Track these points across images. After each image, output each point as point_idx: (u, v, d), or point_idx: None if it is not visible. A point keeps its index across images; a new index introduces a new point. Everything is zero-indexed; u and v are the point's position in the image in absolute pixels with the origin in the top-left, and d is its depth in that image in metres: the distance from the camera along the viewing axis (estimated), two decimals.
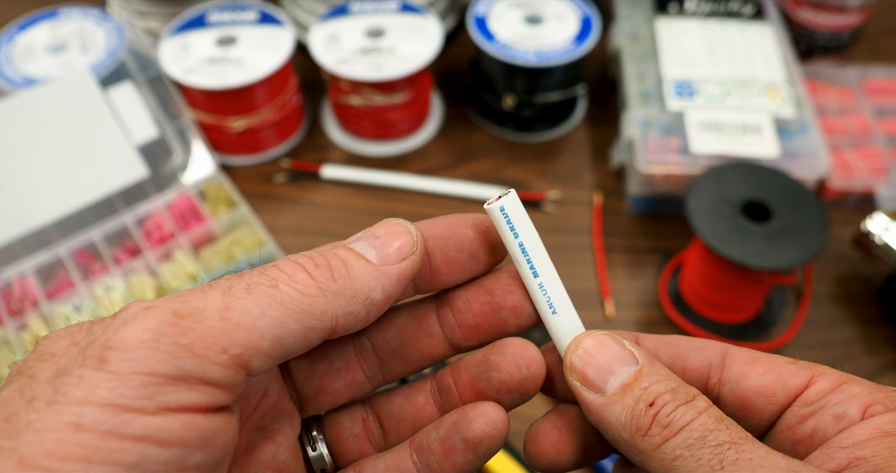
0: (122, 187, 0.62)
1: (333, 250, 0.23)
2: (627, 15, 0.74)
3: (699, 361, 0.25)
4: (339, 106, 0.71)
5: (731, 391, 0.25)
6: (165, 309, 0.18)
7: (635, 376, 0.23)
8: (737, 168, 0.56)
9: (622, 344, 0.24)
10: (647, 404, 0.22)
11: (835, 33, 0.75)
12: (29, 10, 0.72)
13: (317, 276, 0.21)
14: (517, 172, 0.70)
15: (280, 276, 0.21)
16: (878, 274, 0.61)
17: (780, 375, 0.24)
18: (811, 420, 0.23)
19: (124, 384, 0.17)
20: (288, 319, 0.20)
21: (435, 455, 0.24)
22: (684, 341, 0.26)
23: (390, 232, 0.23)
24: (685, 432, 0.21)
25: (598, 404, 0.23)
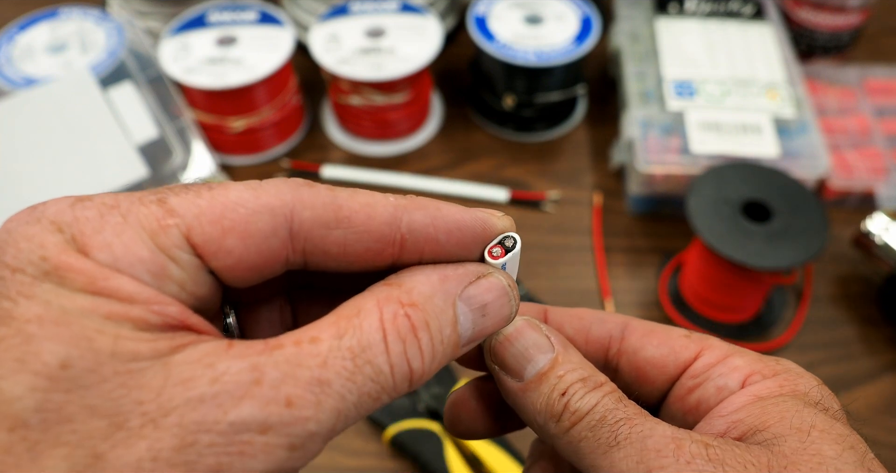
0: (122, 187, 0.62)
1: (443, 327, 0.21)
2: (627, 15, 0.74)
3: (600, 332, 0.27)
4: (339, 106, 0.71)
5: (628, 362, 0.26)
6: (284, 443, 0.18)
7: (551, 364, 0.24)
8: (737, 168, 0.56)
9: (540, 331, 0.24)
10: (560, 393, 0.23)
11: (835, 33, 0.75)
12: (29, 10, 0.72)
13: (414, 385, 0.20)
14: (517, 172, 0.70)
15: (388, 386, 0.19)
16: (878, 274, 0.61)
17: (673, 348, 0.25)
18: (697, 392, 0.25)
19: None
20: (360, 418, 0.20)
21: None
22: (588, 313, 0.27)
23: (498, 315, 0.22)
24: (590, 415, 0.22)
25: (516, 389, 0.24)
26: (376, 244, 0.21)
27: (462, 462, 0.50)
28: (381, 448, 0.53)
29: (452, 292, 0.21)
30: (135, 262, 0.18)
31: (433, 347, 0.20)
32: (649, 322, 0.27)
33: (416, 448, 0.50)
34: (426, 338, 0.20)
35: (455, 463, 0.50)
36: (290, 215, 0.20)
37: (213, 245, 0.19)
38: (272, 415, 0.17)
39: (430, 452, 0.50)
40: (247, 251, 0.20)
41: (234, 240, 0.19)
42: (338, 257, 0.21)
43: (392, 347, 0.19)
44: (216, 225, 0.19)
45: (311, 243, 0.20)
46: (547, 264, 0.63)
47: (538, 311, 0.27)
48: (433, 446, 0.50)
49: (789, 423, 0.22)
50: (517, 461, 0.50)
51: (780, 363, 0.25)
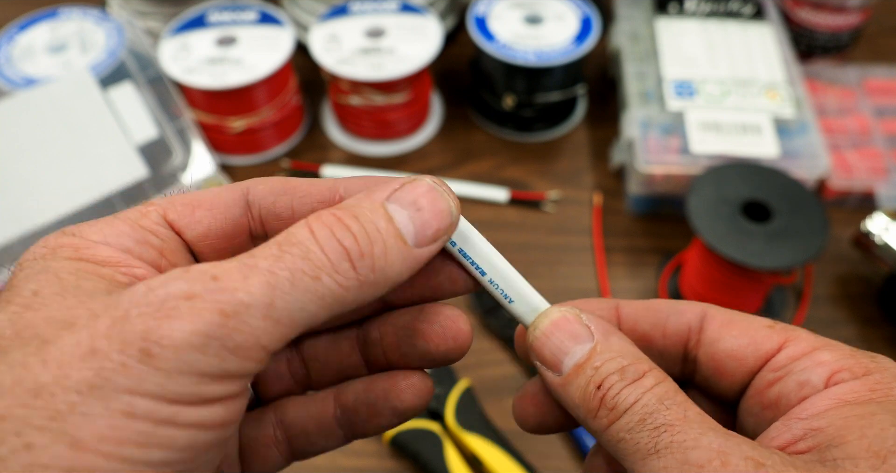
0: (122, 187, 0.62)
1: (376, 222, 0.21)
2: (627, 15, 0.74)
3: (678, 324, 0.25)
4: (339, 106, 0.71)
5: (706, 354, 0.24)
6: (210, 305, 0.18)
7: (588, 355, 0.23)
8: (737, 168, 0.56)
9: (579, 320, 0.24)
10: (595, 386, 0.22)
11: (835, 33, 0.75)
12: (29, 10, 0.72)
13: (360, 269, 0.20)
14: (517, 172, 0.70)
15: (324, 265, 0.20)
16: (878, 274, 0.61)
17: (754, 338, 0.24)
18: (777, 386, 0.23)
19: (172, 382, 0.17)
20: (322, 311, 0.20)
21: (360, 415, 0.25)
22: (665, 305, 0.26)
23: (433, 205, 0.22)
24: (627, 415, 0.21)
25: (556, 383, 0.23)
26: (319, 205, 0.24)
27: (462, 462, 0.50)
28: (381, 448, 0.53)
29: (379, 197, 0.22)
30: (120, 234, 0.22)
31: (367, 233, 0.21)
32: (730, 311, 0.25)
33: (416, 448, 0.50)
34: (356, 225, 0.21)
35: (455, 463, 0.50)
36: (246, 190, 0.24)
37: (186, 218, 0.23)
38: (197, 286, 0.18)
39: (430, 452, 0.50)
40: (214, 220, 0.23)
41: (202, 212, 0.23)
42: (287, 220, 0.24)
43: (318, 232, 0.20)
44: (187, 204, 0.23)
45: (265, 209, 0.24)
46: (547, 264, 0.63)
47: (609, 306, 0.26)
48: (433, 446, 0.50)
49: (868, 443, 0.19)
50: (517, 461, 0.50)
51: (876, 360, 0.22)
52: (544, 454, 0.53)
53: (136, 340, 0.17)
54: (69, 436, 0.16)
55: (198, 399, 0.18)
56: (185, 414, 0.18)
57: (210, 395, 0.18)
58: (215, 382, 0.18)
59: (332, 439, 0.26)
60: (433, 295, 0.26)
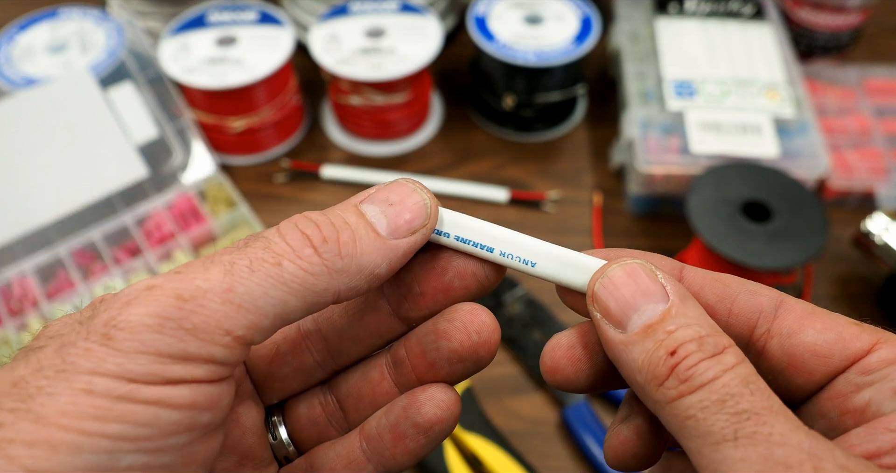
0: (122, 187, 0.62)
1: (345, 216, 0.22)
2: (627, 15, 0.74)
3: (749, 305, 0.22)
4: (339, 106, 0.71)
5: (780, 345, 0.22)
6: (168, 291, 0.19)
7: (661, 316, 0.20)
8: (737, 168, 0.56)
9: (655, 277, 0.21)
10: (668, 351, 0.20)
11: (835, 33, 0.75)
12: (29, 10, 0.72)
13: (324, 253, 0.21)
14: (517, 172, 0.70)
15: (285, 251, 0.20)
16: (878, 274, 0.61)
17: (841, 335, 0.21)
18: (867, 391, 0.20)
19: (131, 361, 0.18)
20: (290, 298, 0.20)
21: (385, 442, 0.24)
22: (736, 281, 0.23)
23: (405, 200, 0.22)
24: (703, 391, 0.19)
25: (617, 341, 0.21)
26: None
27: (462, 462, 0.50)
28: None
29: (352, 201, 0.23)
30: None
31: (333, 223, 0.21)
32: (809, 303, 0.22)
33: None
34: (321, 217, 0.21)
35: (455, 463, 0.50)
36: None
37: None
38: (159, 279, 0.19)
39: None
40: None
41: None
42: None
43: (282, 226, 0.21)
44: None
45: None
46: None
47: (673, 267, 0.24)
48: None
49: None
50: (517, 461, 0.50)
51: None
52: (544, 454, 0.53)
53: (100, 327, 0.18)
54: (34, 413, 0.17)
55: (159, 379, 0.18)
56: (145, 392, 0.18)
57: (172, 375, 0.18)
58: (176, 362, 0.18)
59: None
60: (447, 299, 0.24)
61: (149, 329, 0.18)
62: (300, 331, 0.26)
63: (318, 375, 0.26)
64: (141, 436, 0.18)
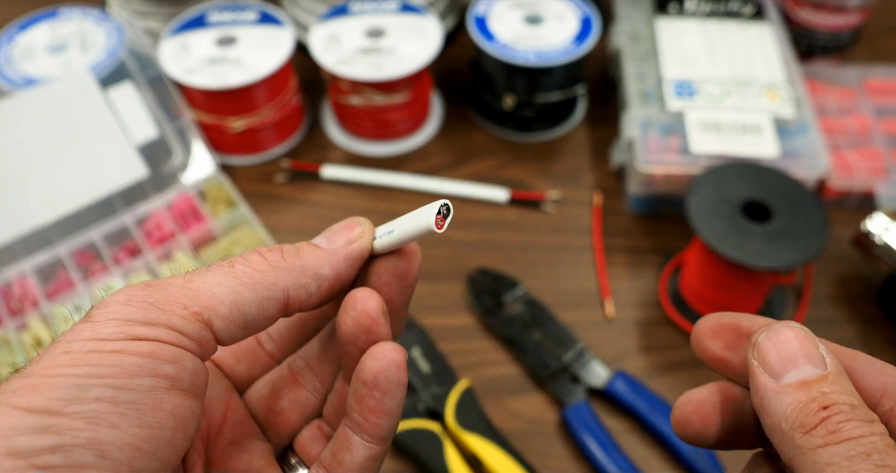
0: (122, 187, 0.62)
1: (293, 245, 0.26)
2: (627, 15, 0.74)
3: (874, 382, 0.23)
4: (339, 106, 0.71)
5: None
6: (137, 283, 0.23)
7: (818, 378, 0.21)
8: (737, 168, 0.56)
9: (817, 347, 0.22)
10: (820, 406, 0.21)
11: (835, 33, 0.75)
12: (29, 10, 0.72)
13: (268, 256, 0.25)
14: (517, 172, 0.70)
15: (237, 259, 0.25)
16: (878, 274, 0.61)
17: None
18: None
19: (102, 326, 0.22)
20: (242, 289, 0.24)
21: (355, 411, 0.25)
22: (863, 357, 0.24)
23: (342, 225, 0.27)
24: (851, 443, 0.20)
25: (769, 388, 0.22)
26: None
27: (462, 462, 0.50)
28: None
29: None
30: None
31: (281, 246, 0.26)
32: None
33: (416, 448, 0.50)
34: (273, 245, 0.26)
35: (455, 463, 0.50)
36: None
37: None
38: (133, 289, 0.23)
39: (429, 452, 0.50)
40: None
41: None
42: None
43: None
44: None
45: None
46: (547, 264, 0.63)
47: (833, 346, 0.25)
48: (433, 446, 0.50)
49: None
50: (517, 461, 0.50)
51: None
52: (544, 454, 0.53)
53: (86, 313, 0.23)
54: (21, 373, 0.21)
55: (124, 335, 0.21)
56: (111, 345, 0.21)
57: (135, 333, 0.21)
58: (140, 325, 0.22)
59: None
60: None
61: (118, 304, 0.22)
62: (291, 369, 0.29)
63: (312, 403, 0.29)
64: (107, 374, 0.21)
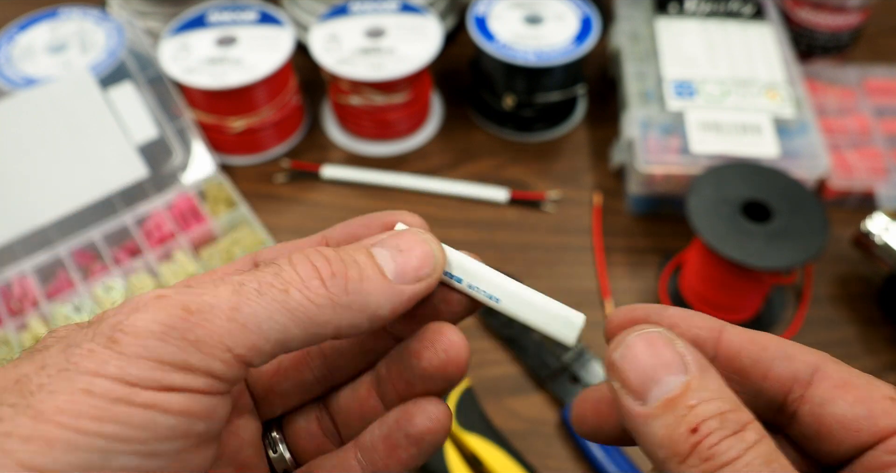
0: (122, 187, 0.62)
1: (354, 255, 0.22)
2: (627, 15, 0.74)
3: (784, 370, 0.22)
4: (339, 106, 0.71)
5: (812, 413, 0.22)
6: (176, 302, 0.19)
7: (682, 390, 0.20)
8: (737, 168, 0.56)
9: (673, 347, 0.21)
10: (689, 428, 0.19)
11: (835, 33, 0.75)
12: (29, 10, 0.72)
13: (330, 286, 0.21)
14: (517, 172, 0.70)
15: (293, 280, 0.21)
16: (878, 274, 0.61)
17: (872, 410, 0.21)
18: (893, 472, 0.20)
19: (132, 365, 0.18)
20: (292, 325, 0.20)
21: (379, 452, 0.24)
22: (774, 344, 0.23)
23: (414, 248, 0.23)
24: (727, 470, 0.19)
25: (637, 413, 0.21)
26: None
27: (462, 462, 0.50)
28: None
29: (366, 243, 0.23)
30: None
31: (342, 260, 0.22)
32: (847, 369, 0.23)
33: None
34: (332, 253, 0.22)
35: (455, 463, 0.50)
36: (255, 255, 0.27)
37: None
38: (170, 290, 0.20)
39: None
40: None
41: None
42: None
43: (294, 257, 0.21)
44: None
45: None
46: (547, 264, 0.63)
47: (713, 325, 0.23)
48: None
49: None
50: (517, 461, 0.50)
51: None
52: (544, 454, 0.53)
53: (106, 330, 0.19)
54: (33, 409, 0.18)
55: (157, 385, 0.19)
56: (143, 396, 0.18)
57: (170, 383, 0.19)
58: (176, 371, 0.19)
59: None
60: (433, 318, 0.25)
61: (153, 336, 0.19)
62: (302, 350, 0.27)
63: (315, 391, 0.27)
64: (135, 438, 0.18)
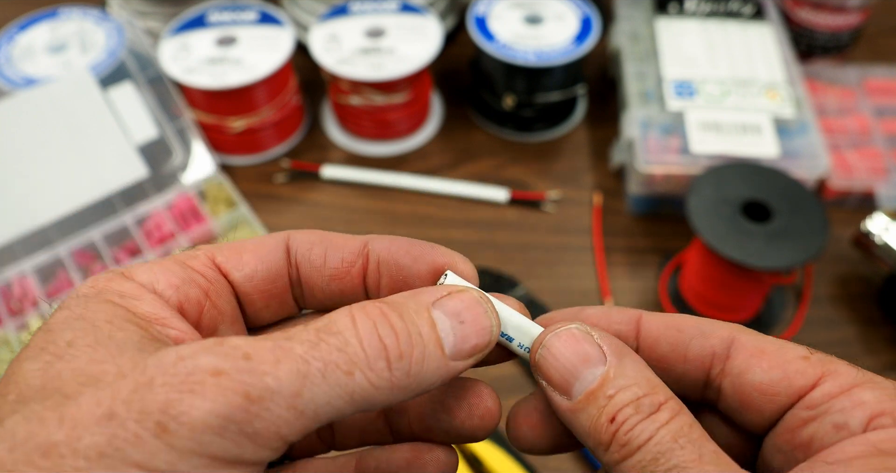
0: (122, 187, 0.62)
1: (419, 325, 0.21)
2: (627, 15, 0.74)
3: (701, 349, 0.23)
4: (339, 106, 0.71)
5: (732, 385, 0.23)
6: (236, 387, 0.18)
7: (601, 381, 0.21)
8: (737, 168, 0.56)
9: (591, 339, 0.22)
10: (608, 419, 0.21)
11: (835, 33, 0.75)
12: (29, 10, 0.72)
13: (395, 370, 0.20)
14: (517, 173, 0.70)
15: (359, 359, 0.19)
16: (878, 274, 0.61)
17: (786, 372, 0.22)
18: (811, 426, 0.21)
19: (183, 462, 0.17)
20: (348, 409, 0.19)
21: None
22: (690, 324, 0.24)
23: (475, 322, 0.22)
24: (641, 452, 0.20)
25: (564, 409, 0.22)
26: (349, 256, 0.25)
27: (462, 461, 0.50)
28: None
29: (426, 300, 0.22)
30: (168, 271, 0.23)
31: (410, 337, 0.20)
32: (761, 338, 0.23)
33: None
34: (399, 323, 0.20)
35: None
36: (287, 236, 0.25)
37: (232, 261, 0.25)
38: (227, 362, 0.18)
39: None
40: (259, 263, 0.25)
41: (248, 255, 0.25)
42: (319, 268, 0.25)
43: (360, 323, 0.20)
44: (234, 249, 0.25)
45: (302, 255, 0.25)
46: (547, 264, 0.63)
47: (630, 318, 0.24)
48: None
49: None
50: (517, 461, 0.50)
51: None
52: None
53: (155, 411, 0.17)
54: None
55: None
56: None
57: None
58: (227, 466, 0.18)
59: None
60: None
61: (210, 431, 0.17)
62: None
63: None
64: None
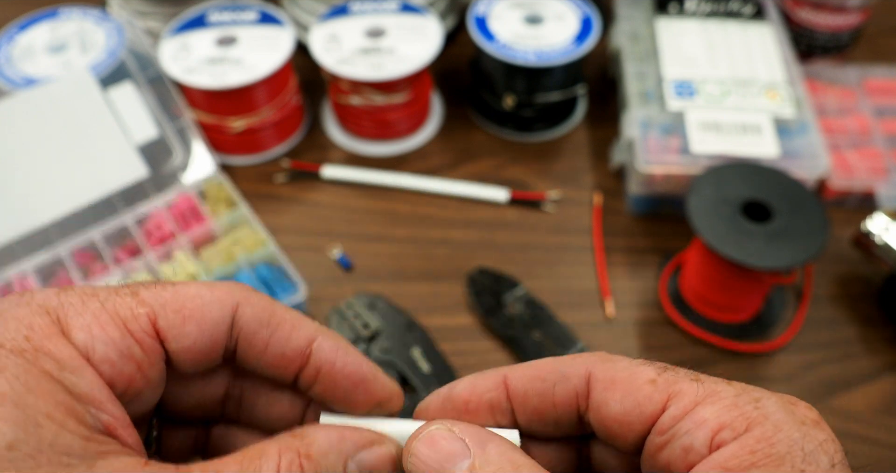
0: (122, 187, 0.62)
1: (336, 465, 0.23)
2: (627, 15, 0.74)
3: (565, 392, 0.24)
4: (339, 106, 0.71)
5: (596, 419, 0.24)
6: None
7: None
8: (737, 168, 0.56)
9: (452, 436, 0.23)
10: None
11: (835, 33, 0.75)
12: (29, 10, 0.72)
13: None
14: (517, 173, 0.70)
15: None
16: (878, 274, 0.61)
17: (637, 401, 0.23)
18: (665, 451, 0.22)
19: None
20: None
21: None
22: (550, 370, 0.25)
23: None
24: None
25: None
26: (291, 353, 0.25)
27: None
28: None
29: (346, 452, 0.23)
30: (108, 342, 0.22)
31: None
32: (614, 366, 0.24)
33: None
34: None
35: None
36: (235, 308, 0.24)
37: (175, 330, 0.23)
38: None
39: None
40: (200, 335, 0.24)
41: (191, 326, 0.24)
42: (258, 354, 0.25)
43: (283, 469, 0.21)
44: (178, 314, 0.24)
45: (244, 336, 0.25)
46: (547, 265, 0.63)
47: (496, 382, 0.25)
48: None
49: None
50: None
51: (759, 406, 0.21)
52: None
53: None
54: None
55: None
56: None
57: None
58: None
59: None
60: None
61: None
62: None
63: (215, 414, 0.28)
64: None
